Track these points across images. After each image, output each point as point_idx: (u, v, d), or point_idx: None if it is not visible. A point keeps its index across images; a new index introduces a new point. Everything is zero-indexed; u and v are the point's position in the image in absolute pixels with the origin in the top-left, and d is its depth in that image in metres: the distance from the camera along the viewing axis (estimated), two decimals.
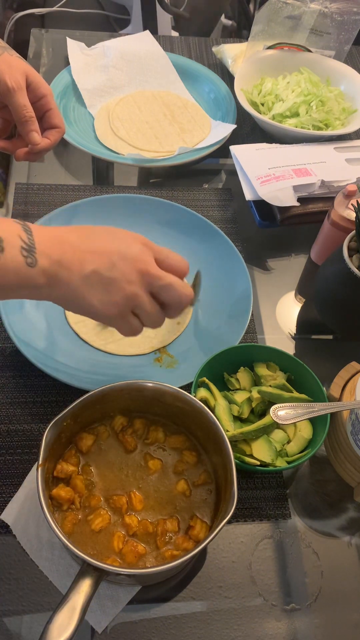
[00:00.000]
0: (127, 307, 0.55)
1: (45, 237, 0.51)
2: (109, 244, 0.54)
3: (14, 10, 1.70)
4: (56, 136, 0.78)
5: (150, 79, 1.13)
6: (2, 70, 0.70)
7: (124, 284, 0.53)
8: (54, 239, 0.52)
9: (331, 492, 0.68)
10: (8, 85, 0.70)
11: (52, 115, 0.77)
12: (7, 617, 0.57)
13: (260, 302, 0.84)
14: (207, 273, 0.84)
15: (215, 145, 1.00)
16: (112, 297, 0.54)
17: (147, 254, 0.55)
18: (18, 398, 0.71)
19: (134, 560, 0.54)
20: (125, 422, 0.62)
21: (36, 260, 0.50)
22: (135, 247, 0.55)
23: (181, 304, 0.58)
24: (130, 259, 0.54)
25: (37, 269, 0.50)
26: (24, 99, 0.72)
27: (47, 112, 0.77)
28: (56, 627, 0.45)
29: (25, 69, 0.73)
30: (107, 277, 0.53)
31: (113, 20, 1.75)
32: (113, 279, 0.53)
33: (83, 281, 0.52)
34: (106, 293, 0.53)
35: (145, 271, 0.54)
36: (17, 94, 0.71)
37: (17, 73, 0.71)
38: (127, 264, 0.54)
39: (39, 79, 0.75)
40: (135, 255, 0.54)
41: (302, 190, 0.88)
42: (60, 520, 0.56)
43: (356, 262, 0.68)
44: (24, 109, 0.72)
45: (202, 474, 0.60)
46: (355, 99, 1.06)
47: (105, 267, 0.53)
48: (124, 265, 0.53)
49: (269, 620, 0.59)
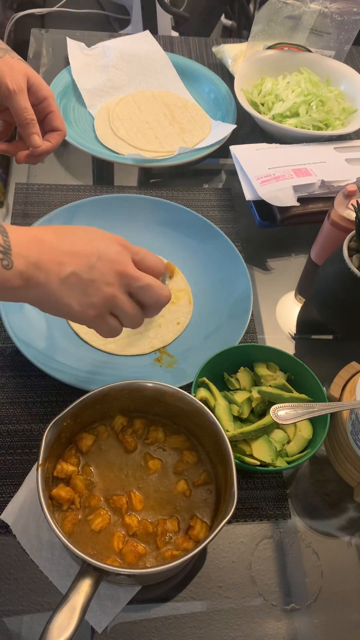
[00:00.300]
0: (106, 309, 0.55)
1: (22, 238, 0.51)
2: (87, 246, 0.54)
3: (14, 10, 1.70)
4: (57, 139, 0.77)
5: (150, 79, 1.13)
6: (3, 73, 0.70)
7: (103, 285, 0.53)
8: (32, 241, 0.51)
9: (331, 492, 0.68)
10: (9, 88, 0.70)
11: (54, 117, 0.77)
12: (7, 617, 0.57)
13: (260, 302, 0.84)
14: (207, 273, 0.84)
15: (215, 145, 1.00)
16: (91, 298, 0.53)
17: (125, 255, 0.55)
18: (18, 398, 0.71)
19: (134, 560, 0.54)
20: (125, 422, 0.62)
21: (12, 262, 0.49)
22: (113, 249, 0.55)
23: (159, 303, 0.58)
24: (109, 261, 0.54)
25: (13, 271, 0.49)
26: (25, 101, 0.72)
27: (48, 114, 0.77)
28: (56, 627, 0.45)
29: (27, 71, 0.73)
30: (86, 279, 0.53)
31: (113, 20, 1.75)
32: (91, 280, 0.53)
33: (61, 283, 0.52)
34: (85, 295, 0.53)
35: (123, 272, 0.54)
36: (18, 97, 0.71)
37: (18, 75, 0.71)
38: (106, 266, 0.54)
39: (40, 82, 0.74)
40: (114, 256, 0.54)
41: (302, 190, 0.88)
42: (60, 520, 0.56)
43: (356, 262, 0.68)
44: (25, 111, 0.72)
45: (202, 474, 0.60)
46: (355, 99, 1.06)
47: (83, 269, 0.53)
48: (103, 267, 0.53)
49: (269, 620, 0.59)
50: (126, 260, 0.55)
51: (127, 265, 0.55)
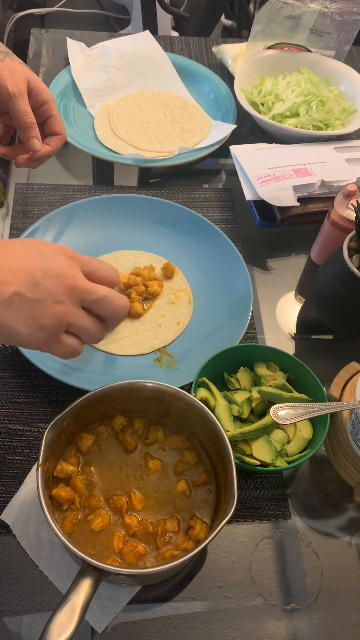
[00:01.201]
0: (59, 329, 0.50)
1: None
2: (28, 261, 0.48)
3: (14, 10, 1.70)
4: (57, 143, 0.77)
5: (150, 79, 1.13)
6: (3, 76, 0.69)
7: (52, 304, 0.48)
8: None
9: (331, 492, 0.68)
10: (9, 91, 0.70)
11: (54, 122, 0.76)
12: (7, 617, 0.57)
13: (260, 302, 0.84)
14: (207, 273, 0.84)
15: (215, 145, 1.00)
16: (40, 320, 0.48)
17: (74, 267, 0.51)
18: (18, 398, 0.71)
19: (134, 560, 0.54)
20: (126, 422, 0.62)
21: None
22: (59, 261, 0.50)
23: (118, 315, 0.54)
24: (55, 276, 0.49)
25: None
26: (25, 105, 0.72)
27: (48, 118, 0.76)
28: (56, 627, 0.45)
29: (27, 74, 0.72)
30: (31, 298, 0.47)
31: (113, 20, 1.75)
32: (38, 300, 0.48)
33: (4, 306, 0.46)
34: (32, 317, 0.48)
35: (73, 286, 0.50)
36: (18, 100, 0.70)
37: (18, 79, 0.70)
38: (53, 282, 0.48)
39: (40, 85, 0.74)
40: (60, 270, 0.49)
41: (302, 190, 0.88)
42: (60, 520, 0.56)
43: (356, 262, 0.68)
44: (25, 115, 0.72)
45: (202, 474, 0.60)
46: (355, 99, 1.06)
47: (27, 287, 0.47)
48: (49, 283, 0.48)
49: (269, 620, 0.59)
50: (75, 272, 0.50)
51: (77, 279, 0.50)
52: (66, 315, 0.50)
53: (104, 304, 0.52)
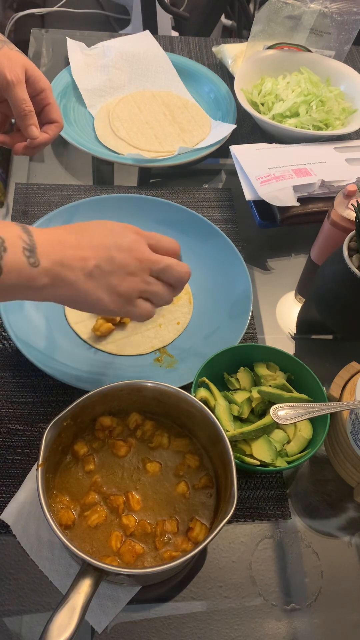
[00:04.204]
0: (134, 295, 0.57)
1: (44, 238, 0.52)
2: (104, 238, 0.56)
3: (14, 10, 1.70)
4: (55, 131, 0.78)
5: (150, 79, 1.13)
6: (2, 64, 0.70)
7: (125, 274, 0.56)
8: (53, 240, 0.53)
9: (331, 492, 0.68)
10: (8, 79, 0.70)
11: (51, 109, 0.77)
12: (7, 617, 0.57)
13: (260, 302, 0.84)
14: (207, 273, 0.84)
15: (215, 145, 1.00)
16: (118, 288, 0.56)
17: (141, 242, 0.58)
18: (18, 398, 0.71)
19: (132, 560, 0.54)
20: (140, 421, 0.62)
21: (38, 260, 0.51)
22: (129, 237, 0.57)
23: (182, 280, 0.60)
24: (127, 250, 0.56)
25: (40, 269, 0.51)
26: (24, 93, 0.72)
27: (45, 106, 0.77)
28: (56, 627, 0.45)
29: (25, 62, 0.73)
30: (109, 270, 0.55)
31: (113, 20, 1.75)
32: (114, 271, 0.55)
33: (87, 278, 0.54)
34: (110, 286, 0.55)
35: (142, 258, 0.57)
36: (16, 88, 0.71)
37: (16, 67, 0.71)
38: (125, 255, 0.56)
39: (38, 73, 0.75)
40: (130, 245, 0.57)
41: (302, 190, 0.88)
42: (57, 517, 0.56)
43: (356, 262, 0.68)
44: (23, 102, 0.72)
45: (203, 477, 0.60)
46: (355, 99, 1.06)
47: (104, 261, 0.55)
48: (123, 257, 0.56)
49: (269, 620, 0.59)
50: (143, 247, 0.58)
51: (144, 252, 0.57)
52: (138, 282, 0.57)
53: (168, 271, 0.59)
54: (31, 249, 0.50)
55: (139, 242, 0.58)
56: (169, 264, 0.59)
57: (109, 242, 0.56)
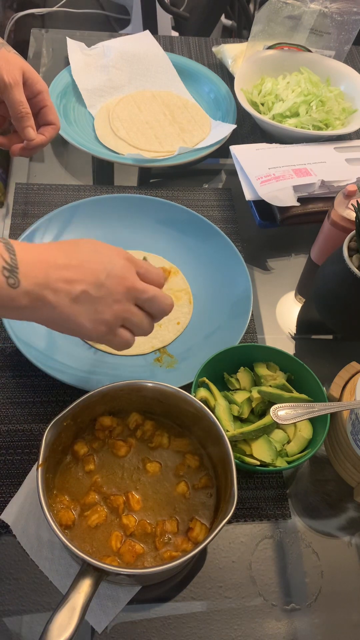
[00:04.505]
0: (117, 324, 0.56)
1: (29, 257, 0.51)
2: (94, 262, 0.54)
3: (14, 10, 1.70)
4: (51, 132, 0.78)
5: (150, 79, 1.13)
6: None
7: (112, 302, 0.54)
8: (39, 260, 0.51)
9: (331, 492, 0.68)
10: (5, 81, 0.71)
11: (48, 111, 0.78)
12: (7, 617, 0.57)
13: (260, 302, 0.84)
14: (207, 273, 0.84)
15: (215, 145, 1.00)
16: (102, 315, 0.54)
17: (131, 270, 0.57)
18: (18, 398, 0.71)
19: (132, 559, 0.54)
20: (140, 421, 0.62)
21: (19, 281, 0.49)
22: (119, 263, 0.56)
23: (165, 313, 0.60)
24: (116, 276, 0.55)
25: (20, 290, 0.49)
26: (21, 95, 0.73)
27: (42, 108, 0.77)
28: (56, 627, 0.45)
29: (22, 65, 0.73)
30: (96, 296, 0.53)
31: (113, 20, 1.75)
32: (101, 297, 0.54)
33: (72, 302, 0.52)
34: (95, 312, 0.54)
35: (131, 287, 0.56)
36: (13, 90, 0.72)
37: (14, 69, 0.72)
38: (114, 282, 0.54)
39: (35, 76, 0.75)
40: (121, 272, 0.55)
41: (302, 190, 0.88)
42: (57, 517, 0.56)
43: (356, 262, 0.68)
44: (20, 105, 0.73)
45: (203, 477, 0.60)
46: (355, 99, 1.06)
47: (93, 286, 0.53)
48: (111, 283, 0.54)
49: (269, 620, 0.59)
50: (132, 274, 0.56)
51: (134, 280, 0.56)
52: (123, 312, 0.56)
53: (154, 302, 0.58)
54: (11, 269, 0.49)
55: (129, 270, 0.56)
56: (155, 295, 0.57)
57: (99, 267, 0.54)
